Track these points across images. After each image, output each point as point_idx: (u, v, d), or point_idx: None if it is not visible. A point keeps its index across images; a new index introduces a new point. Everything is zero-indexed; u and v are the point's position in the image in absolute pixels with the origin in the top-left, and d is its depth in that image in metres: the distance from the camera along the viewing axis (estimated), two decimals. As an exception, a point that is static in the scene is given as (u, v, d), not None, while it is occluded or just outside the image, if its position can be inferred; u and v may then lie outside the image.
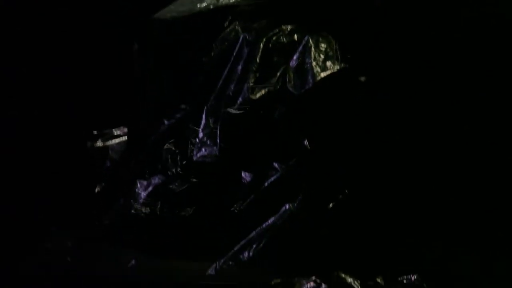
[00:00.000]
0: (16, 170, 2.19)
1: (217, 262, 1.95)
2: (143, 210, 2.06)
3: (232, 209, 2.02)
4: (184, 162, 2.08)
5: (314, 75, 2.00)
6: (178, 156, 2.09)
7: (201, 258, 1.95)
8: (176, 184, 2.07)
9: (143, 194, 2.10)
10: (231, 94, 2.05)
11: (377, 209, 2.01)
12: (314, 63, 2.00)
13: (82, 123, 2.24)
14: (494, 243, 1.93)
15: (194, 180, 2.07)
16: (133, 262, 1.96)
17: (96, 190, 2.17)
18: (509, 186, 2.00)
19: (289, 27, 2.06)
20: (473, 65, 2.06)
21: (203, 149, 2.07)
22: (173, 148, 2.10)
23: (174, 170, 2.08)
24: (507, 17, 2.08)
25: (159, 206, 2.05)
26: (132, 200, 2.08)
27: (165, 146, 2.11)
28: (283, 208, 1.96)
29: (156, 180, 2.11)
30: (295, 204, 1.96)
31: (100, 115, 2.26)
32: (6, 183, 2.16)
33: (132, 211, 2.07)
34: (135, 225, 2.07)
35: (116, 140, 2.24)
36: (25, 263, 1.94)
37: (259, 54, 2.04)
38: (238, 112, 2.03)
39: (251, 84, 2.03)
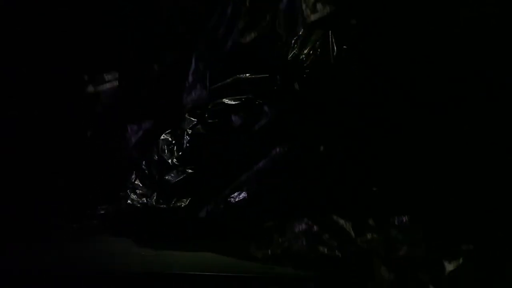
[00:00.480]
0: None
1: (208, 205, 1.97)
2: (139, 200, 2.05)
3: (229, 199, 2.00)
4: (180, 153, 2.05)
5: (304, 18, 1.97)
6: (175, 147, 2.06)
7: (198, 249, 1.95)
8: (172, 175, 2.05)
9: (134, 139, 2.11)
10: (220, 38, 2.04)
11: (368, 151, 2.01)
12: (304, 6, 1.97)
13: (73, 68, 2.23)
14: (494, 243, 1.93)
15: (190, 171, 2.04)
16: (129, 255, 1.96)
17: (88, 134, 2.18)
18: (509, 186, 2.01)
19: (278, -31, 2.03)
20: (472, 64, 2.05)
21: (193, 93, 2.07)
22: (170, 139, 2.07)
23: (170, 160, 2.05)
24: (507, 17, 2.05)
25: (155, 197, 2.03)
26: (128, 191, 2.07)
27: (162, 137, 2.07)
28: (274, 151, 1.97)
29: (146, 124, 2.11)
30: (286, 148, 1.97)
31: (91, 60, 2.25)
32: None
33: (128, 201, 2.05)
34: (131, 216, 2.06)
35: (108, 85, 2.24)
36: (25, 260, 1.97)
37: (249, -4, 2.02)
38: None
39: (240, 27, 2.01)
